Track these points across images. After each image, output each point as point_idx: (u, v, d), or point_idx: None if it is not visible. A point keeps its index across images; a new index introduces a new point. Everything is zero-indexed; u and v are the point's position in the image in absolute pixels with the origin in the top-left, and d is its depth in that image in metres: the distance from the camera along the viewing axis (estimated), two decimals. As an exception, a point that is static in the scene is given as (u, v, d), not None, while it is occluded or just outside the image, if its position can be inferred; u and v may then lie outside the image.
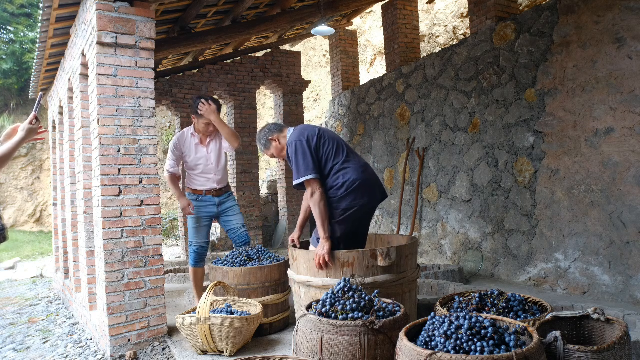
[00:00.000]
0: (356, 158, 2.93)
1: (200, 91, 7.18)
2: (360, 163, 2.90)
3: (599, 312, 1.99)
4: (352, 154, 2.94)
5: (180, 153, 3.89)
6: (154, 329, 3.29)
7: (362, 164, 2.90)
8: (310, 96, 13.27)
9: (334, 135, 2.98)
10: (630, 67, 3.76)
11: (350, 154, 2.93)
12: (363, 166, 2.88)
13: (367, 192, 2.81)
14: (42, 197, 12.68)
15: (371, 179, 2.86)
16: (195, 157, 3.90)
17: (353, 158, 2.90)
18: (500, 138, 4.94)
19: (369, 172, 2.88)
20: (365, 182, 2.81)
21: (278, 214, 8.93)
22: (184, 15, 5.17)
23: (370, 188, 2.83)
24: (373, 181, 2.87)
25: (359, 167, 2.85)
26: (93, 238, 3.77)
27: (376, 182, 2.92)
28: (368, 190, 2.82)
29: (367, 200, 2.81)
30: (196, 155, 3.90)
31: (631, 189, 3.76)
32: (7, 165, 2.60)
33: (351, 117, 7.73)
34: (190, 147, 3.90)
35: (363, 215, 2.86)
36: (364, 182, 2.80)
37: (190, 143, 3.91)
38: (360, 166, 2.86)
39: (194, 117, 3.89)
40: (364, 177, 2.81)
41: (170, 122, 13.88)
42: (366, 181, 2.81)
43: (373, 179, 2.89)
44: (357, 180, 2.78)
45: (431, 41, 9.65)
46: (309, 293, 2.72)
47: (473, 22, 5.46)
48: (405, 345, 1.69)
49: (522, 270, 4.67)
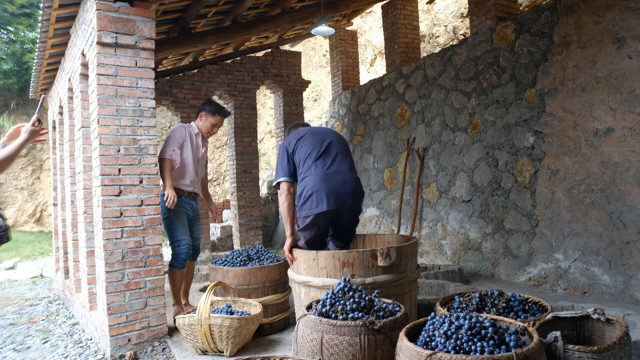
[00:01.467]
0: (325, 165, 2.93)
1: (200, 91, 7.18)
2: (322, 171, 2.90)
3: (599, 312, 1.99)
4: (324, 159, 2.96)
5: (181, 143, 3.74)
6: (154, 329, 3.29)
7: (324, 173, 2.89)
8: (310, 96, 13.27)
9: (317, 139, 3.04)
10: (630, 67, 3.76)
11: (322, 159, 2.95)
12: (326, 174, 2.89)
13: (322, 202, 2.83)
14: (42, 197, 12.68)
15: (328, 188, 2.84)
16: (192, 155, 3.79)
17: (322, 165, 2.93)
18: (500, 138, 4.94)
19: (330, 181, 2.87)
20: (320, 192, 2.83)
21: (278, 214, 8.93)
22: (184, 15, 5.17)
23: (326, 197, 2.83)
24: (330, 190, 2.84)
25: (318, 175, 2.88)
26: (93, 238, 3.77)
27: (334, 190, 2.85)
28: (323, 199, 2.83)
29: (322, 209, 2.83)
30: (193, 153, 3.81)
31: (631, 189, 3.76)
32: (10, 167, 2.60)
33: (351, 117, 7.73)
34: (190, 143, 3.80)
35: (322, 224, 2.92)
36: (318, 192, 2.84)
37: (192, 139, 3.83)
38: (322, 174, 2.88)
39: (203, 115, 3.86)
40: (319, 187, 2.84)
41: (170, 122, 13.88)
42: (320, 191, 2.83)
43: (330, 188, 2.85)
44: (310, 190, 2.85)
45: (431, 41, 9.65)
46: (309, 293, 2.72)
47: (473, 22, 5.46)
48: (405, 345, 1.69)
49: (522, 270, 4.67)
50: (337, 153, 3.04)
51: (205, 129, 3.88)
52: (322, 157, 2.98)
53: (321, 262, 2.65)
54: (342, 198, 2.89)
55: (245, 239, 7.49)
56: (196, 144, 3.87)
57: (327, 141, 3.06)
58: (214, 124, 3.87)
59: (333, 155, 3.01)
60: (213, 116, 3.85)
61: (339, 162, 3.00)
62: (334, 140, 3.11)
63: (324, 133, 3.14)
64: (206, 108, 3.88)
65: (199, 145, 3.89)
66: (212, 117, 3.85)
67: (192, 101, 7.14)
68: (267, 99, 13.83)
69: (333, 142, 3.09)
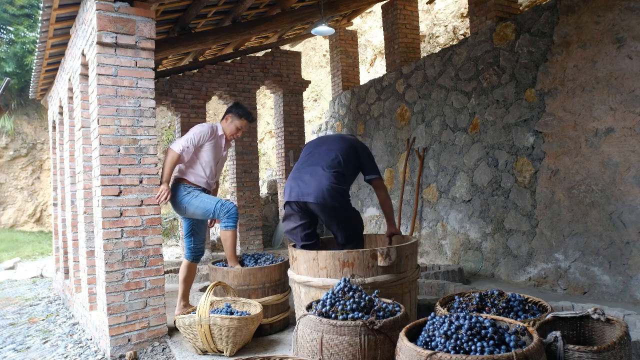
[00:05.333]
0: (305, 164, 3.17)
1: (200, 91, 7.18)
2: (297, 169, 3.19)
3: (599, 312, 1.99)
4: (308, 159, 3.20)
5: (201, 143, 3.62)
6: (154, 329, 3.29)
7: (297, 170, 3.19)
8: (310, 96, 13.27)
9: (315, 142, 3.36)
10: (630, 67, 3.76)
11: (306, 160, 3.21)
12: (297, 171, 3.19)
13: (287, 194, 3.15)
14: (42, 197, 12.68)
15: (293, 182, 3.13)
16: (214, 156, 3.71)
17: (302, 165, 3.20)
18: (500, 138, 4.94)
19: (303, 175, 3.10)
20: (287, 185, 3.18)
21: (278, 214, 8.93)
22: (184, 15, 5.17)
23: (290, 190, 3.13)
24: (293, 184, 3.12)
25: (293, 173, 3.20)
26: (93, 238, 3.77)
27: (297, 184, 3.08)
28: (287, 192, 3.15)
29: (287, 201, 3.15)
30: (215, 155, 3.72)
31: (631, 189, 3.76)
32: None
33: (351, 117, 7.73)
34: (215, 144, 3.72)
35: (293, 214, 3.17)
36: (287, 186, 3.18)
37: (217, 140, 3.75)
38: (295, 172, 3.20)
39: (229, 117, 3.77)
40: (289, 184, 3.17)
41: (170, 122, 13.88)
42: (287, 185, 3.17)
43: (301, 182, 3.08)
44: (286, 186, 3.20)
45: (431, 41, 9.65)
46: (309, 293, 2.72)
47: (473, 22, 5.46)
48: (405, 345, 1.69)
49: (522, 270, 4.67)
50: (322, 152, 3.19)
51: (230, 131, 3.79)
52: (305, 158, 3.26)
53: (321, 262, 2.65)
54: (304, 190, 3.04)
55: (245, 239, 7.50)
56: (220, 146, 3.79)
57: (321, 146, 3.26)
58: (238, 127, 3.78)
59: (316, 155, 3.19)
60: (239, 119, 3.77)
61: (317, 159, 3.15)
62: (329, 142, 3.27)
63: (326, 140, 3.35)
64: (233, 110, 3.80)
65: (221, 147, 3.81)
66: (239, 120, 3.77)
67: (192, 101, 7.14)
68: (267, 99, 13.83)
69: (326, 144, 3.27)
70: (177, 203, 3.57)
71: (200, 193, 3.60)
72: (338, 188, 2.99)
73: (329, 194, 2.95)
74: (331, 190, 2.96)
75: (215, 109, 13.76)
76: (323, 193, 2.95)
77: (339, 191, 3.00)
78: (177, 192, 3.56)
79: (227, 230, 3.52)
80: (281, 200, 8.29)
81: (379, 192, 3.28)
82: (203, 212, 3.54)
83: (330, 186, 2.97)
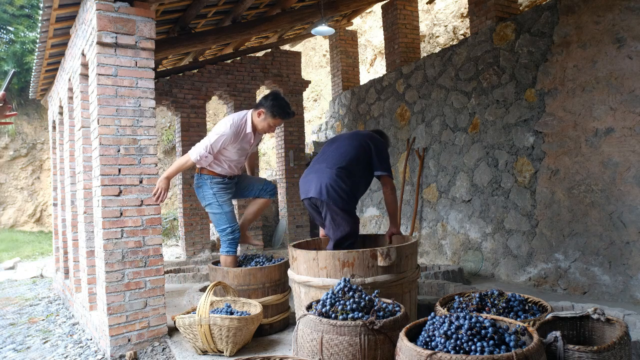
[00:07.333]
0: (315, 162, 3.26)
1: (200, 91, 7.18)
2: (308, 168, 3.29)
3: (599, 312, 1.99)
4: (318, 158, 3.28)
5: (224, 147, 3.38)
6: (154, 329, 3.29)
7: (307, 168, 3.28)
8: (310, 96, 13.27)
9: (329, 141, 3.40)
10: (630, 67, 3.76)
11: (317, 159, 3.29)
12: (309, 168, 3.28)
13: (301, 191, 3.27)
14: (42, 197, 12.68)
15: (301, 181, 3.26)
16: (239, 154, 3.51)
17: (313, 163, 3.29)
18: (500, 138, 4.94)
19: (309, 174, 3.20)
20: (300, 183, 3.30)
21: (278, 214, 8.93)
22: (184, 15, 5.17)
23: (302, 186, 3.25)
24: (302, 182, 3.26)
25: (306, 170, 3.29)
26: (93, 238, 3.77)
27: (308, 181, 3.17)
28: (301, 189, 3.28)
29: (303, 197, 3.24)
30: (240, 152, 3.50)
31: (631, 189, 3.76)
32: None
33: (351, 117, 7.73)
34: (240, 145, 3.48)
35: (308, 208, 3.28)
36: (300, 183, 3.30)
37: (244, 138, 3.47)
38: (305, 170, 3.30)
39: (262, 113, 3.40)
40: (301, 180, 3.28)
41: (170, 122, 13.87)
42: (300, 182, 3.29)
43: (307, 179, 3.19)
44: (300, 183, 3.31)
45: (431, 41, 9.65)
46: (309, 293, 2.72)
47: (473, 22, 5.46)
48: (405, 345, 1.69)
49: (522, 270, 4.67)
50: (332, 150, 3.25)
51: (262, 127, 3.45)
52: (317, 157, 3.33)
53: (321, 262, 2.65)
54: (308, 187, 3.14)
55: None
56: (247, 142, 3.50)
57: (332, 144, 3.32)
58: (271, 125, 3.45)
59: (327, 153, 3.26)
60: (273, 118, 3.40)
61: (326, 157, 3.22)
62: (341, 139, 3.32)
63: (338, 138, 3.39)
64: (266, 105, 3.38)
65: (250, 142, 3.52)
66: (272, 119, 3.40)
67: (192, 101, 7.14)
68: (267, 99, 13.81)
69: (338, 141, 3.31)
70: (201, 198, 3.51)
71: (225, 201, 3.47)
72: (337, 186, 3.00)
73: (326, 191, 3.00)
74: (329, 187, 2.99)
75: (215, 109, 13.76)
76: (322, 189, 3.02)
77: (339, 189, 3.00)
78: (203, 186, 3.45)
79: (228, 255, 3.50)
80: (281, 200, 8.29)
81: (385, 189, 3.27)
82: (215, 223, 3.53)
83: (329, 183, 3.00)
